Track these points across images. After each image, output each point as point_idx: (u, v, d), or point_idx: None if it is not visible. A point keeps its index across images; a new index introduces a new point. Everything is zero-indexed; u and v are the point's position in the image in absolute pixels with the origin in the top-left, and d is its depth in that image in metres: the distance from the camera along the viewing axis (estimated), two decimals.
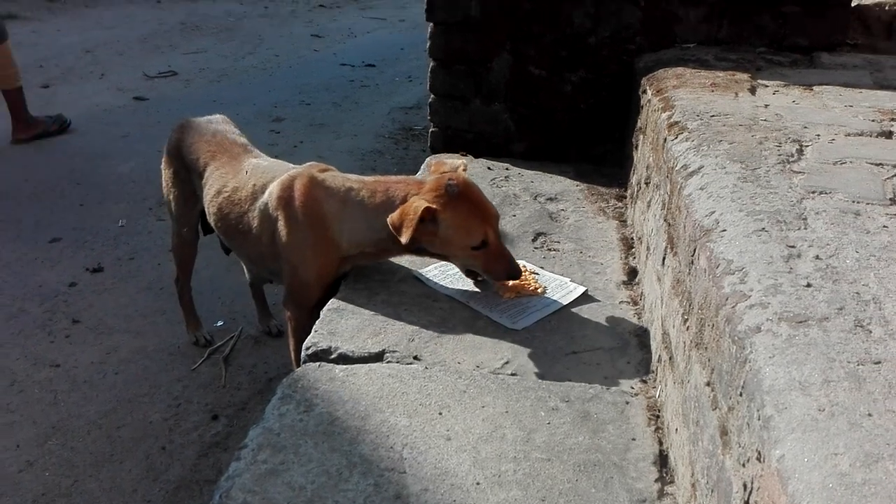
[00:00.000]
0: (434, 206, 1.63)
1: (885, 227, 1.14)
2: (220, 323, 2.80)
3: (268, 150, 2.26)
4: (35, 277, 3.06)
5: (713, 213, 1.24)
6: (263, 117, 5.20)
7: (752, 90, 2.00)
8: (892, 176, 1.36)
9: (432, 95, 2.89)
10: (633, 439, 1.33)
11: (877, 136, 1.60)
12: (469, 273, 1.83)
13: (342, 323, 1.68)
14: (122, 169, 4.25)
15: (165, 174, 2.34)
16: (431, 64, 2.84)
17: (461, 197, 1.67)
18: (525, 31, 2.67)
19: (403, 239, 1.61)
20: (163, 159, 2.34)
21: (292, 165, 1.96)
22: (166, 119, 4.82)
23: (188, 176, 2.22)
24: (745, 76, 2.14)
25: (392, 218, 1.64)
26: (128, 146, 4.60)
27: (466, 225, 1.67)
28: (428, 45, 2.81)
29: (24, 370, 2.48)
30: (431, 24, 2.78)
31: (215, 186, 2.04)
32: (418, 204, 1.62)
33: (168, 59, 6.77)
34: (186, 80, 6.13)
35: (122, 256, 3.27)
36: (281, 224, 1.82)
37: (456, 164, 1.78)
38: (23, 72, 4.61)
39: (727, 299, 0.99)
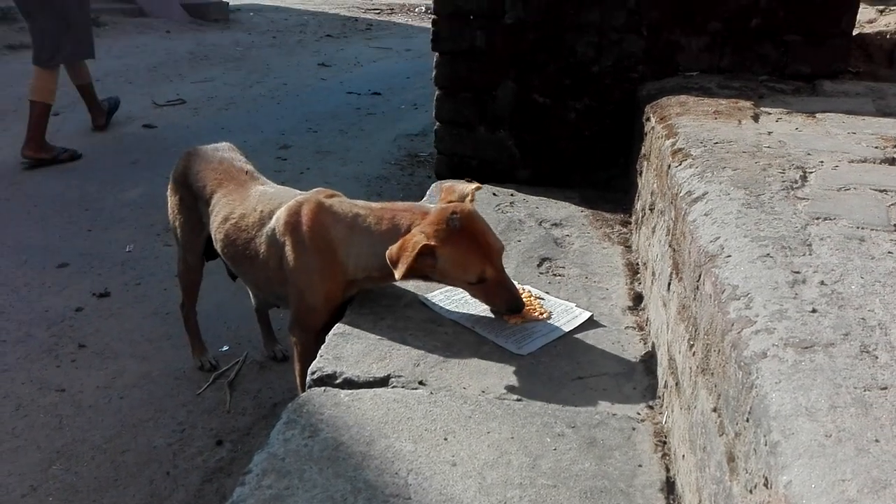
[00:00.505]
0: (432, 243, 1.62)
1: (889, 252, 1.15)
2: (225, 348, 2.80)
3: (275, 176, 2.28)
4: (42, 302, 3.07)
5: (718, 238, 1.24)
6: (271, 144, 5.25)
7: (755, 117, 2.02)
8: None
9: (438, 123, 2.93)
10: (640, 465, 1.32)
11: (880, 163, 1.61)
12: None
13: (348, 347, 1.69)
14: (130, 195, 4.28)
15: (171, 201, 2.36)
16: (437, 92, 2.88)
17: (462, 231, 1.65)
18: (529, 60, 2.71)
19: (397, 275, 1.61)
20: (169, 186, 2.36)
21: (299, 192, 1.98)
22: (174, 146, 4.88)
23: (194, 203, 2.24)
24: (748, 104, 2.16)
25: (390, 252, 1.64)
26: (136, 173, 4.64)
27: (464, 261, 1.67)
28: (433, 73, 2.85)
29: (29, 395, 2.48)
30: (437, 53, 2.82)
31: (222, 213, 2.06)
32: (418, 239, 1.61)
33: (177, 87, 6.86)
34: (195, 109, 6.20)
35: (129, 281, 3.28)
36: (288, 249, 1.83)
37: (465, 192, 1.77)
38: None
39: (733, 325, 0.99)
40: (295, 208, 1.84)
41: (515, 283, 1.95)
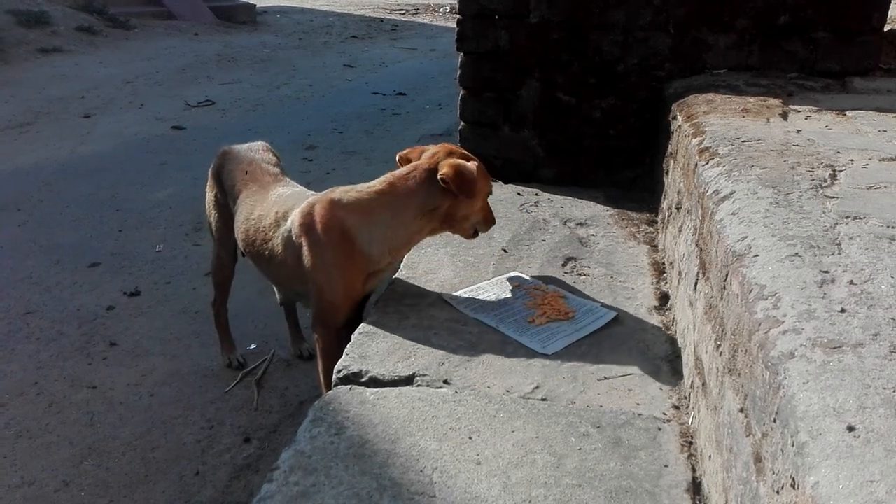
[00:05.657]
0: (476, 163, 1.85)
1: None
2: (252, 346, 2.84)
3: (301, 176, 2.31)
4: (74, 301, 3.14)
5: (745, 238, 1.23)
6: (297, 145, 5.30)
7: (784, 115, 2.00)
8: None
9: (462, 123, 2.93)
10: (666, 466, 1.32)
11: None
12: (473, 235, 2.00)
13: (373, 346, 1.70)
14: (159, 195, 4.35)
15: (208, 197, 2.42)
16: (461, 92, 2.88)
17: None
18: (554, 59, 2.70)
19: (477, 197, 1.87)
20: (207, 182, 2.42)
21: (313, 193, 2.01)
22: (203, 148, 4.96)
23: (226, 200, 2.29)
24: (777, 101, 2.13)
25: (448, 176, 1.78)
26: (165, 174, 4.72)
27: (486, 175, 1.90)
28: (458, 73, 2.86)
29: (61, 392, 2.53)
30: (462, 53, 2.83)
31: (244, 213, 2.11)
32: (466, 163, 1.83)
33: (205, 89, 6.95)
34: (223, 110, 6.28)
35: (159, 281, 3.34)
36: (305, 249, 1.86)
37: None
38: (65, 102, 4.79)
39: (760, 325, 0.98)
40: (307, 210, 1.87)
41: (540, 282, 1.97)
